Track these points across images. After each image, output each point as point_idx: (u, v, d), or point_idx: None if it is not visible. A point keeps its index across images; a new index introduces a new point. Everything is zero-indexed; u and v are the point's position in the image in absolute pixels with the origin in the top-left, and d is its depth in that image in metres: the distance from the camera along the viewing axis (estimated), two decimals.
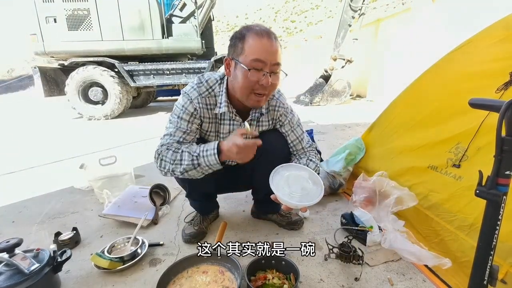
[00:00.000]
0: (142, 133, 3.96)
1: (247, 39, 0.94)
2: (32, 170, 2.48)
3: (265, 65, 0.94)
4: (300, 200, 0.94)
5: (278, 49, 0.96)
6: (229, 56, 1.01)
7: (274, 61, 0.95)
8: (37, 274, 0.90)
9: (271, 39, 0.94)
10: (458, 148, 1.17)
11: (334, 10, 21.04)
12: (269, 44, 0.93)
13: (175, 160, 1.00)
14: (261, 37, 0.92)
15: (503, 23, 1.22)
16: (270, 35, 0.94)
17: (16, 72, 20.99)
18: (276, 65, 0.96)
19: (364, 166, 1.73)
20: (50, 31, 5.01)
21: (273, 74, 0.97)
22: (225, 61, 1.02)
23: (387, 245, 1.11)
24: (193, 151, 0.99)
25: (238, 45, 0.96)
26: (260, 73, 0.94)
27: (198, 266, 1.04)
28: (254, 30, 0.94)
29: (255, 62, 0.93)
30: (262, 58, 0.92)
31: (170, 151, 1.01)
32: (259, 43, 0.92)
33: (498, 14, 1.27)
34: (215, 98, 1.09)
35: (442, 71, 1.48)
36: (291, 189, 0.96)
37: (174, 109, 1.09)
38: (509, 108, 0.55)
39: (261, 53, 0.92)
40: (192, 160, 0.98)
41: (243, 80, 0.96)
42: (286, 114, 1.20)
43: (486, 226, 0.63)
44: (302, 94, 7.35)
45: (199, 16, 5.44)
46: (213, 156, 0.96)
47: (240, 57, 0.95)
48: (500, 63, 1.15)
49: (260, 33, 0.93)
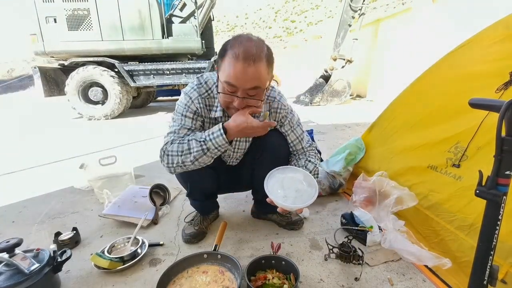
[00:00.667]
0: (142, 133, 3.96)
1: (226, 57, 0.91)
2: (32, 170, 2.48)
3: (237, 89, 0.92)
4: (293, 202, 0.96)
5: (256, 74, 0.89)
6: (215, 65, 1.02)
7: (247, 86, 0.91)
8: (37, 274, 0.90)
9: (247, 63, 0.87)
10: (457, 147, 1.17)
11: (334, 10, 21.02)
12: (242, 70, 0.87)
13: (183, 151, 0.99)
14: (236, 61, 0.87)
15: (503, 23, 1.22)
16: (247, 58, 0.86)
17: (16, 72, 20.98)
18: (252, 89, 0.92)
19: (364, 166, 1.73)
20: (50, 31, 5.01)
21: (250, 97, 0.94)
22: (216, 64, 1.03)
23: (387, 245, 1.11)
24: (199, 137, 0.99)
25: (219, 60, 0.95)
26: (233, 96, 0.94)
27: (198, 266, 1.04)
28: (234, 50, 0.88)
29: (227, 85, 0.92)
30: (233, 83, 0.90)
31: (175, 144, 1.01)
32: (232, 67, 0.88)
33: (498, 14, 1.27)
34: (213, 100, 1.10)
35: (442, 71, 1.48)
36: (285, 192, 0.98)
37: (177, 108, 1.09)
38: (509, 108, 0.55)
39: (232, 78, 0.89)
40: (201, 146, 0.97)
41: (220, 97, 0.99)
42: (287, 115, 1.20)
43: (486, 226, 0.63)
44: (302, 94, 7.35)
45: (199, 16, 5.43)
46: (220, 137, 0.96)
47: (219, 72, 0.95)
48: (500, 63, 1.15)
49: (237, 55, 0.87)
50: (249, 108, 0.97)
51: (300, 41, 14.43)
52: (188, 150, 0.98)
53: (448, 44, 1.60)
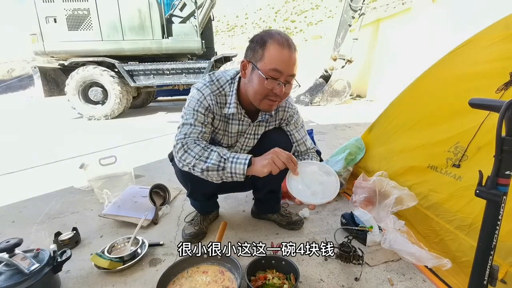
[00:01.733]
0: (142, 133, 3.96)
1: (268, 46, 0.93)
2: (32, 170, 2.48)
3: (281, 75, 0.94)
4: (323, 197, 0.96)
5: (297, 60, 0.97)
6: (246, 58, 1.00)
7: (290, 73, 0.95)
8: (37, 274, 0.90)
9: (291, 51, 0.94)
10: (457, 147, 1.17)
11: (334, 10, 21.02)
12: (288, 56, 0.93)
13: (201, 156, 0.98)
14: (282, 48, 0.92)
15: (503, 23, 1.22)
16: (290, 46, 0.94)
17: (16, 72, 20.97)
18: (291, 76, 0.97)
19: (364, 166, 1.73)
20: (50, 31, 5.01)
21: (288, 84, 0.98)
22: (241, 63, 1.02)
23: (387, 245, 1.11)
24: (223, 153, 0.98)
25: (259, 51, 0.95)
26: (276, 82, 0.95)
27: (198, 266, 1.04)
28: (276, 39, 0.93)
29: (273, 72, 0.93)
30: (281, 69, 0.93)
31: (199, 146, 1.00)
32: (280, 54, 0.92)
33: (499, 14, 1.27)
34: (225, 98, 1.10)
35: (442, 71, 1.48)
36: (310, 189, 0.97)
37: (189, 103, 1.08)
38: (509, 108, 0.55)
39: (280, 64, 0.92)
40: (219, 161, 0.96)
41: (259, 87, 0.97)
42: (293, 114, 1.23)
43: (486, 226, 0.63)
44: (302, 94, 7.35)
45: (199, 16, 5.43)
46: (242, 165, 0.95)
47: (259, 63, 0.95)
48: (500, 63, 1.15)
49: (282, 43, 0.93)
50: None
51: (300, 41, 14.43)
52: (206, 159, 0.98)
53: (448, 44, 1.60)
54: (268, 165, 0.94)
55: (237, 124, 1.15)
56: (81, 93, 5.33)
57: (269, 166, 0.93)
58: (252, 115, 1.14)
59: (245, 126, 1.16)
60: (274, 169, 0.94)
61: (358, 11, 6.66)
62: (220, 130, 1.16)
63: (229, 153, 0.99)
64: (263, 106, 1.03)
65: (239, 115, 1.11)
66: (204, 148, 1.00)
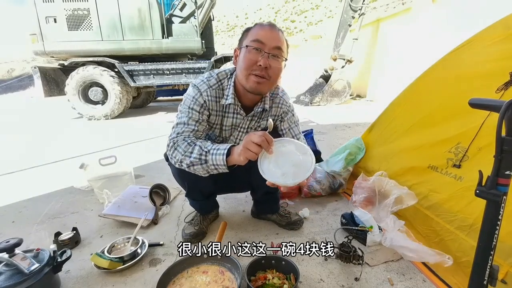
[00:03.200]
0: (142, 133, 3.96)
1: (251, 29, 1.04)
2: (32, 170, 2.48)
3: (264, 46, 0.99)
4: (294, 178, 0.89)
5: (280, 37, 1.02)
6: (237, 47, 1.08)
7: (273, 44, 0.99)
8: (37, 274, 0.90)
9: (273, 28, 1.02)
10: (458, 148, 1.17)
11: (334, 10, 21.03)
12: (270, 30, 1.01)
13: (186, 151, 1.00)
14: (263, 25, 1.03)
15: (503, 23, 1.22)
16: (273, 25, 1.04)
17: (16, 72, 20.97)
18: (276, 48, 1.00)
19: (364, 166, 1.73)
20: (50, 31, 5.00)
21: (273, 57, 1.00)
22: (234, 53, 1.09)
23: (388, 243, 1.11)
24: (205, 146, 0.99)
25: (244, 35, 1.05)
26: (259, 53, 0.99)
27: (198, 266, 1.04)
28: (259, 23, 1.05)
29: (255, 42, 0.99)
30: (261, 39, 0.99)
31: (186, 142, 1.01)
32: (261, 29, 1.01)
33: (499, 14, 1.27)
34: (222, 91, 1.13)
35: (442, 71, 1.47)
36: (282, 170, 0.91)
37: (185, 100, 1.11)
38: (509, 108, 0.55)
39: (261, 35, 0.99)
40: (200, 155, 0.97)
41: (243, 62, 1.02)
42: (288, 112, 1.25)
43: (486, 226, 0.63)
44: (302, 94, 7.35)
45: (199, 16, 5.43)
46: (221, 156, 0.94)
47: (243, 42, 1.03)
48: (500, 63, 1.15)
49: (264, 24, 1.04)
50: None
51: (300, 41, 14.42)
52: (190, 154, 0.99)
53: (448, 44, 1.60)
54: (242, 152, 0.89)
55: (231, 117, 1.16)
56: (81, 93, 5.33)
57: (243, 153, 0.89)
58: (247, 110, 1.16)
59: (239, 120, 1.17)
60: (250, 155, 0.88)
61: (358, 11, 6.66)
62: (216, 125, 1.17)
63: (211, 145, 0.98)
64: (250, 84, 1.03)
65: (235, 106, 1.13)
66: (189, 144, 1.01)
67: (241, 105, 1.14)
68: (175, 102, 8.81)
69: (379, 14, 7.53)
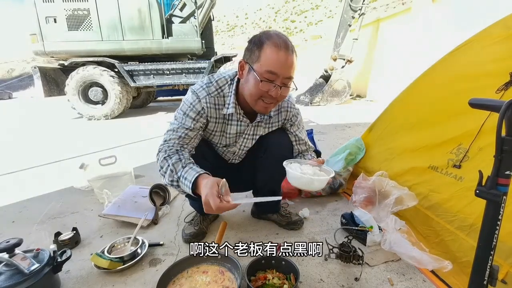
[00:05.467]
0: (142, 133, 3.96)
1: (265, 48, 0.92)
2: (32, 170, 2.48)
3: (277, 78, 0.93)
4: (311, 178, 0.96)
5: (294, 63, 0.95)
6: (244, 58, 1.00)
7: (287, 75, 0.95)
8: (37, 274, 0.90)
9: (289, 53, 0.93)
10: (459, 149, 1.16)
11: (334, 10, 21.03)
12: (285, 58, 0.92)
13: (161, 168, 0.99)
14: (278, 49, 0.91)
15: (503, 23, 1.22)
16: (288, 48, 0.93)
17: (16, 72, 20.98)
18: (288, 78, 0.96)
19: (364, 166, 1.73)
20: (50, 31, 5.01)
21: (284, 87, 0.97)
22: (239, 63, 1.01)
23: (386, 247, 1.10)
24: (176, 171, 0.95)
25: (255, 52, 0.94)
26: (271, 84, 0.94)
27: (198, 266, 1.04)
28: (273, 40, 0.92)
29: (269, 74, 0.92)
30: (276, 71, 0.92)
31: (164, 155, 0.99)
32: (276, 56, 0.91)
33: (499, 14, 1.27)
34: (223, 99, 1.09)
35: (442, 71, 1.48)
36: (302, 170, 1.00)
37: (182, 105, 1.09)
38: (509, 108, 0.55)
39: (276, 66, 0.91)
40: (172, 181, 0.96)
41: (254, 88, 0.96)
42: (296, 114, 1.24)
43: (486, 226, 0.63)
44: (302, 94, 7.35)
45: (199, 16, 5.43)
46: (188, 188, 0.91)
47: (255, 64, 0.94)
48: (500, 63, 1.15)
49: (279, 44, 0.91)
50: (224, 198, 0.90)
51: (300, 41, 14.43)
52: (164, 173, 0.98)
53: (448, 44, 1.60)
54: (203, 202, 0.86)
55: (235, 125, 1.14)
56: (81, 93, 5.33)
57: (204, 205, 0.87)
58: (251, 116, 1.14)
59: (243, 127, 1.15)
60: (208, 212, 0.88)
61: (358, 11, 6.67)
62: (217, 132, 1.15)
63: (181, 170, 0.94)
64: (258, 108, 1.02)
65: (237, 115, 1.11)
66: (165, 158, 0.98)
67: (244, 112, 1.12)
68: (175, 102, 8.81)
69: (379, 14, 7.53)
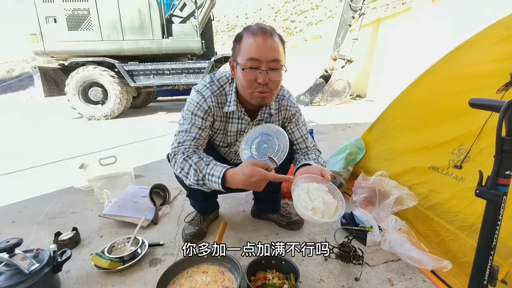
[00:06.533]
0: (142, 133, 3.96)
1: (242, 39, 0.95)
2: (32, 170, 2.48)
3: (260, 63, 0.93)
4: (322, 216, 0.88)
5: (275, 45, 0.94)
6: (232, 57, 1.02)
7: (270, 58, 0.93)
8: (37, 274, 0.90)
9: (266, 36, 0.92)
10: (460, 149, 1.16)
11: (334, 10, 21.05)
12: (262, 42, 0.91)
13: (183, 169, 0.99)
14: (255, 36, 0.92)
15: (503, 23, 1.21)
16: (265, 32, 0.92)
17: (16, 72, 20.98)
18: (273, 61, 0.94)
19: (364, 166, 1.73)
20: (50, 31, 5.01)
21: (272, 71, 0.95)
22: (230, 64, 1.03)
23: (386, 247, 1.10)
24: (200, 170, 0.96)
25: (236, 47, 0.98)
26: (257, 71, 0.94)
27: (198, 266, 1.04)
28: (250, 29, 0.94)
29: (250, 61, 0.93)
30: (256, 56, 0.92)
31: (183, 157, 0.99)
32: (253, 42, 0.92)
33: (499, 14, 1.27)
34: (225, 97, 1.10)
35: (442, 71, 1.47)
36: (313, 203, 0.89)
37: (188, 106, 1.08)
38: (509, 108, 0.55)
39: (254, 52, 0.91)
40: (197, 180, 0.96)
41: (243, 80, 0.97)
42: (296, 113, 1.23)
43: (486, 226, 0.63)
44: (302, 94, 7.35)
45: (199, 16, 5.43)
46: (217, 184, 0.92)
47: (238, 58, 0.96)
48: (500, 63, 1.14)
49: (255, 31, 0.92)
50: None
51: (300, 41, 14.42)
52: (186, 175, 0.98)
53: (448, 44, 1.60)
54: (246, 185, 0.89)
55: (236, 123, 1.15)
56: (81, 93, 5.33)
57: (248, 186, 0.89)
58: (252, 114, 1.14)
59: (244, 125, 1.16)
60: (258, 189, 0.90)
61: (358, 11, 6.66)
62: (220, 130, 1.16)
63: (205, 168, 0.95)
64: (255, 100, 1.02)
65: (239, 113, 1.12)
66: (185, 159, 0.98)
67: (245, 110, 1.12)
68: (175, 102, 8.81)
69: (379, 14, 7.53)
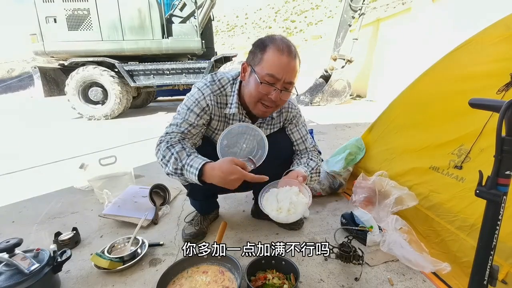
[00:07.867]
0: (142, 133, 3.95)
1: (267, 51, 0.93)
2: (32, 170, 2.48)
3: (278, 82, 0.94)
4: (287, 215, 0.95)
5: (296, 68, 0.96)
6: (247, 61, 1.01)
7: (288, 80, 0.95)
8: (37, 274, 0.90)
9: (291, 57, 0.93)
10: (461, 150, 1.16)
11: (334, 10, 21.06)
12: (287, 62, 0.92)
13: (164, 157, 0.99)
14: (281, 53, 0.91)
15: (503, 23, 1.21)
16: (291, 52, 0.93)
17: (16, 72, 20.98)
18: (290, 83, 0.96)
19: (364, 166, 1.73)
20: (50, 31, 5.01)
21: (285, 91, 0.97)
22: (242, 65, 1.02)
23: (385, 248, 1.10)
24: (181, 159, 0.95)
25: (258, 54, 0.95)
26: (271, 87, 0.94)
27: (198, 266, 1.04)
28: (276, 44, 0.93)
29: (269, 77, 0.93)
30: (277, 75, 0.92)
31: (167, 145, 0.99)
32: (278, 59, 0.91)
33: (499, 14, 1.27)
34: (226, 98, 1.10)
35: (442, 71, 1.47)
36: (279, 204, 0.97)
37: (186, 101, 1.09)
38: (509, 108, 0.55)
39: (277, 70, 0.92)
40: (175, 169, 0.96)
41: (254, 90, 0.97)
42: (296, 114, 1.24)
43: (486, 226, 0.63)
44: (302, 94, 7.34)
45: (199, 16, 5.44)
46: (194, 175, 0.93)
47: (257, 67, 0.95)
48: (500, 63, 1.14)
49: (282, 48, 0.92)
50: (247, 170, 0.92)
51: (300, 41, 14.43)
52: (167, 162, 0.98)
53: (448, 44, 1.60)
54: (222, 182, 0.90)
55: None
56: (81, 93, 5.33)
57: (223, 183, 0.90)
58: (252, 116, 1.14)
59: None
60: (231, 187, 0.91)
61: (358, 11, 6.67)
62: (219, 131, 1.15)
63: (186, 158, 0.95)
64: (257, 111, 1.03)
65: (240, 115, 1.11)
66: (168, 147, 0.98)
67: (246, 112, 1.12)
68: (175, 102, 8.81)
69: (379, 14, 7.53)
